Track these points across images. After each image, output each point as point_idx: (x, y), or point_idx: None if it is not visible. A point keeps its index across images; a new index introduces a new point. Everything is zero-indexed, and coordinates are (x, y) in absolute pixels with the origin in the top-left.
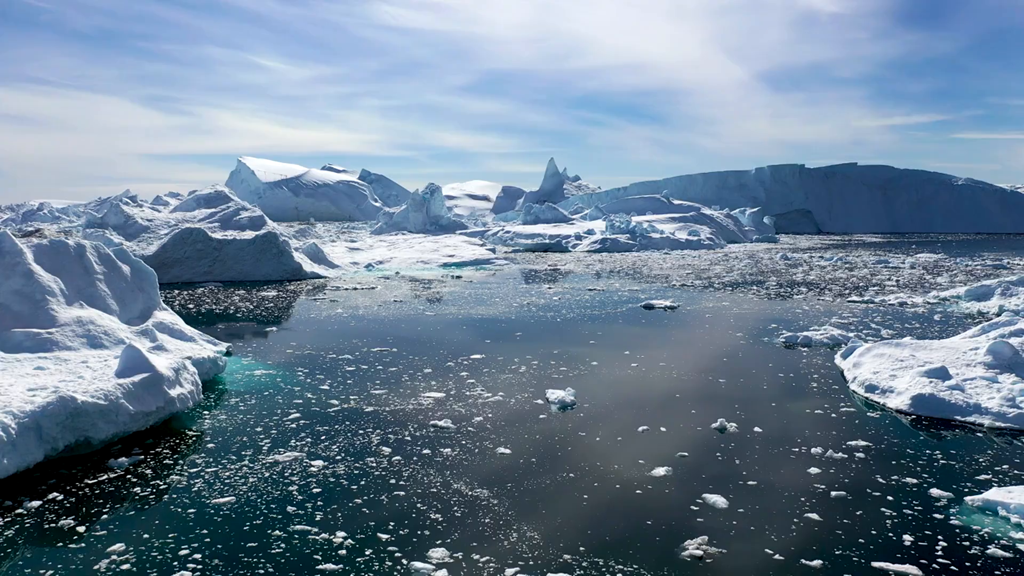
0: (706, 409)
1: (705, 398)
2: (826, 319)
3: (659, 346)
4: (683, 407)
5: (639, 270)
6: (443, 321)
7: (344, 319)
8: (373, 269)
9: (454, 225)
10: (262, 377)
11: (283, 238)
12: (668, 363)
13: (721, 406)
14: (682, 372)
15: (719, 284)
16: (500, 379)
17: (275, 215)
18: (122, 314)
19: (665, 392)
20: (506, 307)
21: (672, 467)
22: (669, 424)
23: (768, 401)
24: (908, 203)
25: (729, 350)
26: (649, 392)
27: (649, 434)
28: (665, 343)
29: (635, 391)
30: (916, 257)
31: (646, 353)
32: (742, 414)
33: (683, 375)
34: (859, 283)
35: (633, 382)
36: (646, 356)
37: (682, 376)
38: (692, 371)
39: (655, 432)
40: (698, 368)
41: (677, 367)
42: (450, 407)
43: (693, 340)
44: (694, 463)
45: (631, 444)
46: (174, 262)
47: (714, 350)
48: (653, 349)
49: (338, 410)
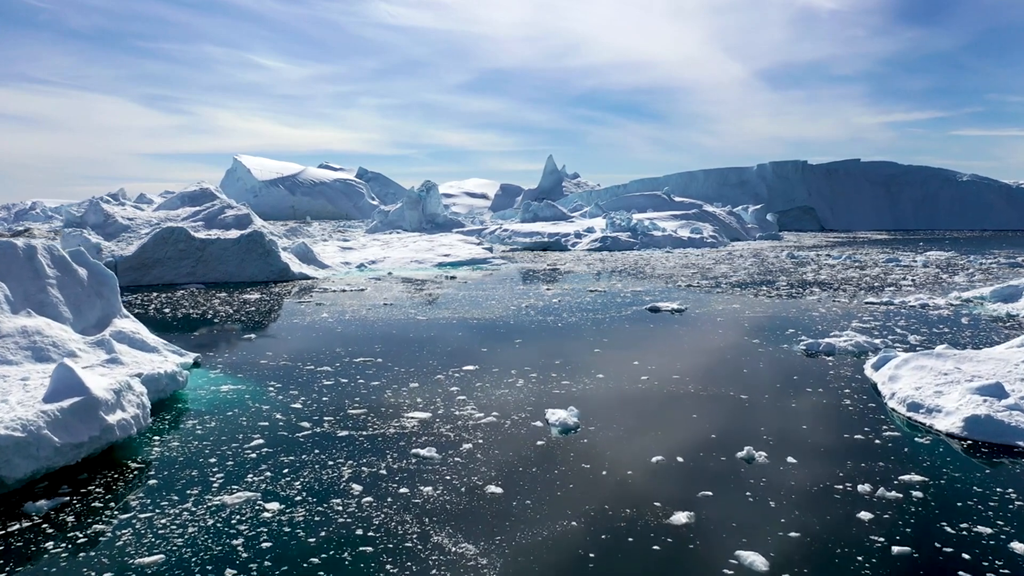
0: (728, 433)
1: (726, 419)
2: (846, 323)
3: (669, 355)
4: (702, 430)
5: (642, 269)
6: (435, 326)
7: (328, 325)
8: (365, 269)
9: (450, 223)
10: (228, 393)
11: (269, 237)
12: (681, 375)
13: (745, 429)
14: (697, 386)
15: (726, 284)
16: (494, 395)
17: (271, 214)
18: (76, 323)
19: (680, 411)
20: (503, 310)
21: (695, 512)
22: (687, 453)
23: (798, 422)
24: (912, 200)
25: (747, 360)
26: (662, 411)
27: (665, 466)
28: (675, 351)
29: (646, 410)
30: (927, 255)
31: (656, 363)
32: (770, 439)
33: (699, 389)
34: (873, 283)
35: (643, 399)
36: (656, 367)
37: (698, 391)
38: (708, 385)
39: (671, 463)
40: (715, 381)
41: (691, 380)
42: (436, 430)
43: (706, 348)
44: (721, 507)
45: (644, 480)
46: (154, 263)
47: (730, 360)
48: (663, 358)
49: (308, 435)
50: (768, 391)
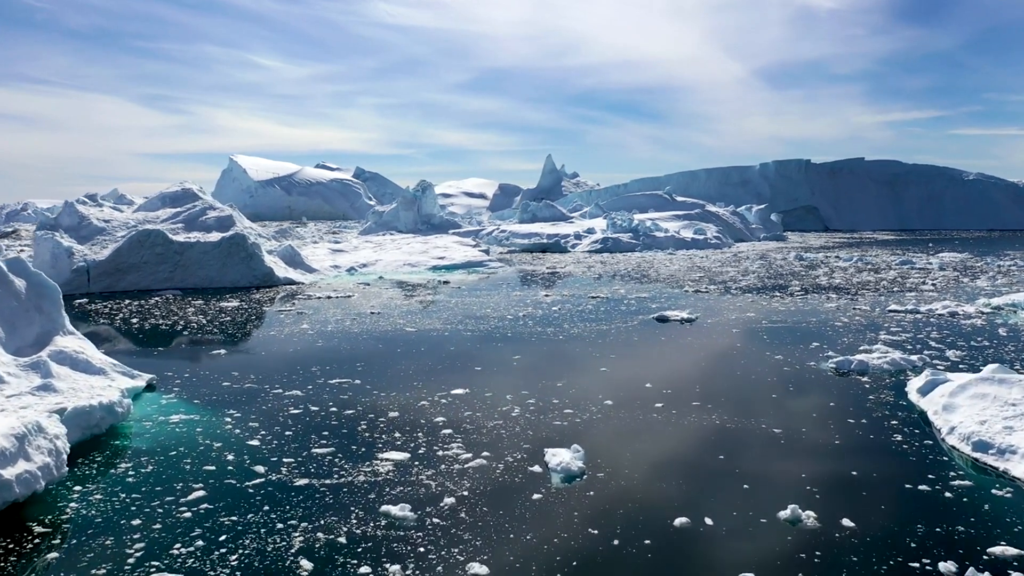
0: (765, 482)
1: (759, 461)
2: (872, 334)
3: (684, 375)
4: (732, 478)
5: (645, 273)
6: (423, 340)
7: (307, 338)
8: (355, 273)
9: (447, 224)
10: (177, 426)
11: (253, 240)
12: (701, 401)
13: (784, 476)
14: (721, 416)
15: (736, 290)
16: (485, 428)
17: (267, 214)
18: (10, 341)
19: (704, 451)
20: (498, 320)
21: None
22: (717, 511)
23: (845, 467)
24: (917, 199)
25: (772, 381)
26: (682, 451)
27: (692, 531)
28: (691, 370)
29: (663, 449)
30: (940, 257)
31: (670, 385)
32: (816, 491)
33: (723, 421)
34: (892, 288)
35: (659, 433)
36: (671, 390)
37: (723, 423)
38: (733, 414)
39: (699, 526)
40: (740, 409)
41: (713, 407)
42: (414, 478)
43: (724, 366)
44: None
45: (668, 553)
46: (130, 268)
47: (754, 381)
48: (678, 379)
49: (259, 485)
50: (803, 422)
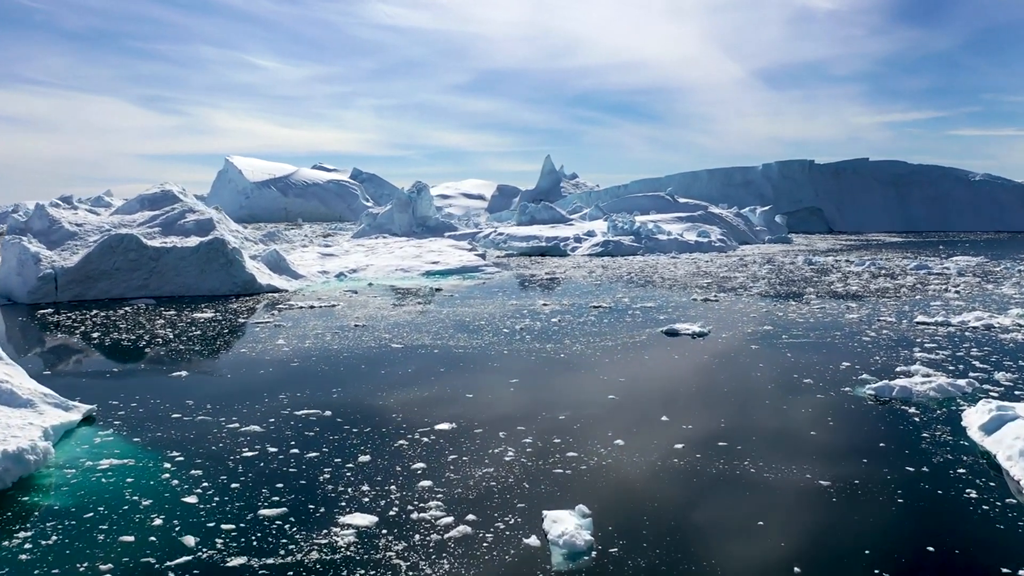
0: (821, 562)
1: (810, 529)
2: (906, 352)
3: (704, 404)
4: (780, 556)
5: (649, 278)
6: (408, 359)
7: (279, 357)
8: (344, 279)
9: (443, 227)
10: (104, 475)
11: (233, 246)
12: (728, 441)
13: (844, 552)
14: (756, 461)
15: (747, 299)
16: (473, 478)
17: (263, 215)
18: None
19: (742, 516)
20: (492, 334)
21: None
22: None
23: (918, 538)
24: (923, 200)
25: (808, 414)
26: (713, 513)
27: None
28: (711, 398)
29: (689, 510)
30: (955, 261)
31: (690, 419)
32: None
33: (759, 468)
34: (913, 295)
35: (682, 486)
36: (692, 425)
37: (759, 470)
38: (769, 458)
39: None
40: (777, 454)
41: (744, 449)
42: (378, 554)
43: (749, 394)
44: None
45: None
46: (101, 275)
47: (785, 413)
48: (699, 412)
49: (183, 567)
50: (852, 471)
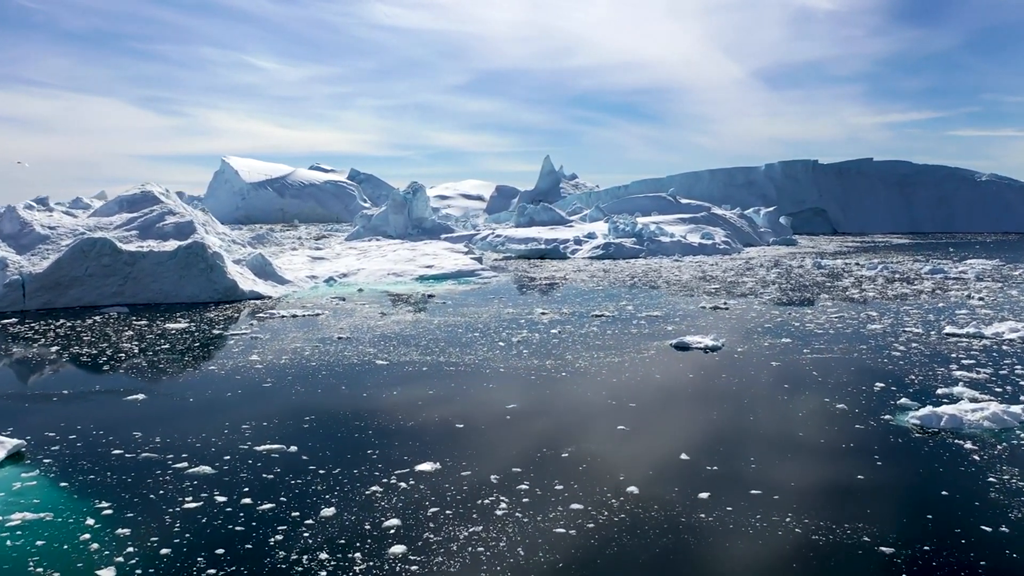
0: None
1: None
2: (942, 369)
3: (730, 441)
4: None
5: (653, 283)
6: (394, 379)
7: (250, 377)
8: (334, 284)
9: (439, 228)
10: (13, 534)
11: (213, 250)
12: (763, 490)
13: None
14: (799, 517)
15: (759, 306)
16: (456, 544)
17: (260, 216)
18: None
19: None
20: (487, 348)
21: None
22: None
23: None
24: (928, 201)
25: (849, 451)
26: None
27: None
28: (736, 433)
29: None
30: (970, 264)
31: (715, 458)
32: None
33: (805, 527)
34: (935, 303)
35: (716, 557)
36: (718, 468)
37: (806, 533)
38: (816, 518)
39: None
40: (820, 505)
41: (783, 501)
42: None
43: (777, 424)
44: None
45: None
46: (72, 281)
47: (825, 450)
48: (723, 449)
49: None
50: (919, 533)
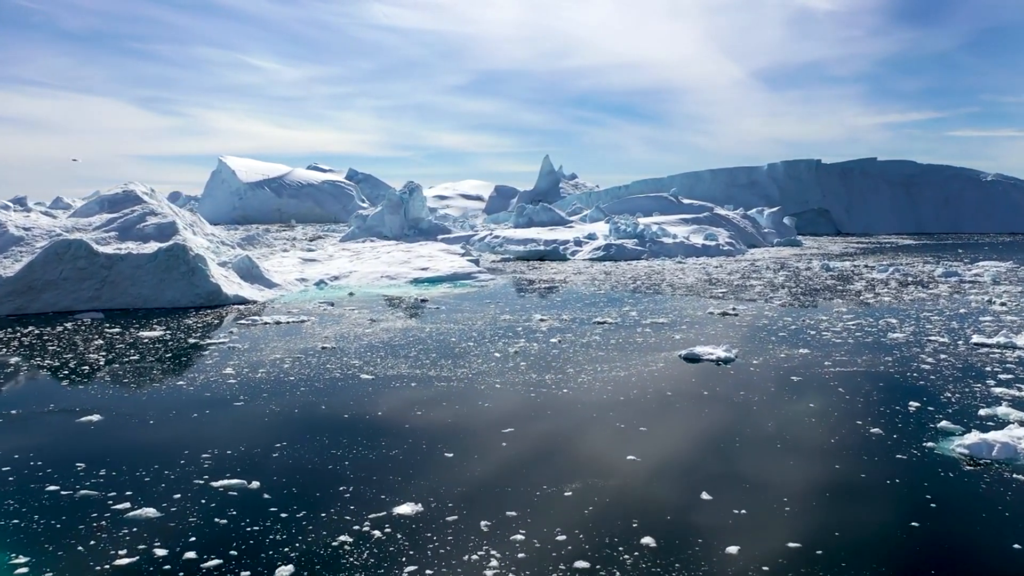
0: None
1: None
2: (978, 385)
3: (753, 473)
4: None
5: (656, 286)
6: (378, 398)
7: (220, 394)
8: (324, 287)
9: (436, 229)
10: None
11: (195, 252)
12: (803, 541)
13: None
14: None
15: (770, 312)
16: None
17: (257, 216)
18: None
19: None
20: (482, 359)
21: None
22: None
23: None
24: (933, 201)
25: (895, 489)
26: None
27: None
28: (760, 463)
29: None
30: (983, 266)
31: (740, 498)
32: None
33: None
34: (956, 308)
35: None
36: (746, 512)
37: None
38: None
39: None
40: (875, 564)
41: (827, 556)
42: None
43: (808, 452)
44: None
45: None
46: (46, 285)
47: (867, 488)
48: (747, 484)
49: None
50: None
